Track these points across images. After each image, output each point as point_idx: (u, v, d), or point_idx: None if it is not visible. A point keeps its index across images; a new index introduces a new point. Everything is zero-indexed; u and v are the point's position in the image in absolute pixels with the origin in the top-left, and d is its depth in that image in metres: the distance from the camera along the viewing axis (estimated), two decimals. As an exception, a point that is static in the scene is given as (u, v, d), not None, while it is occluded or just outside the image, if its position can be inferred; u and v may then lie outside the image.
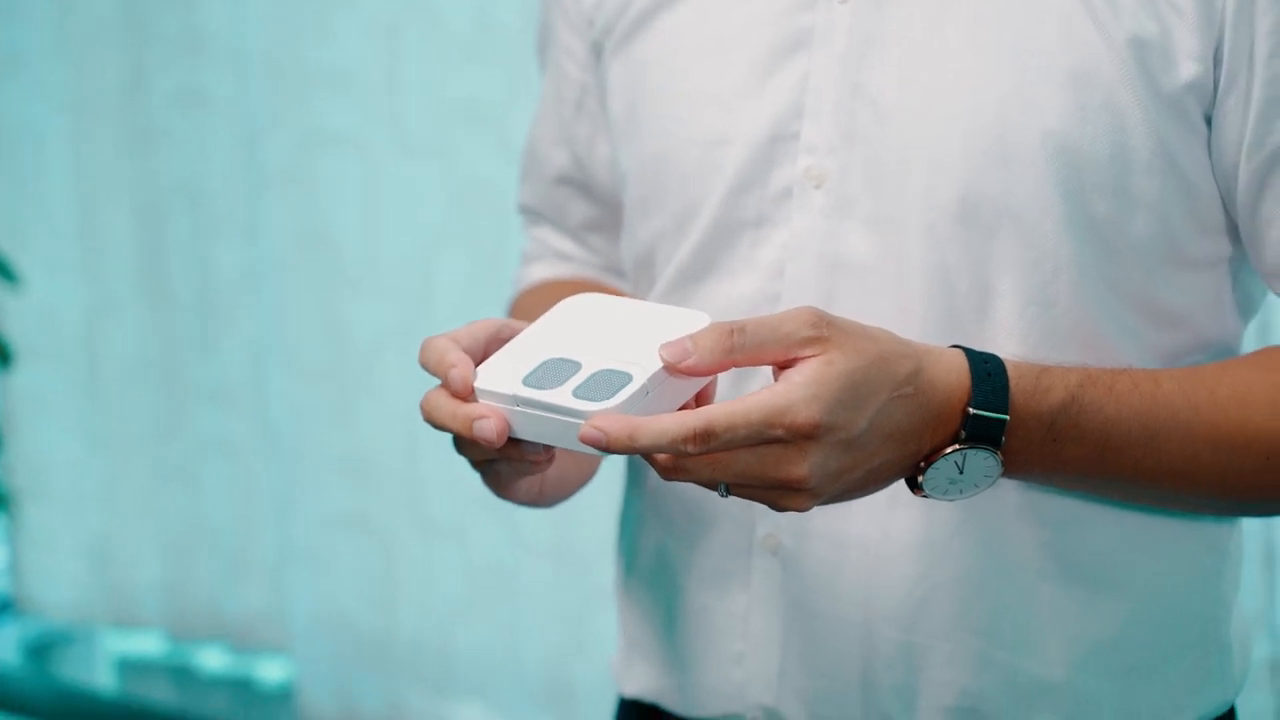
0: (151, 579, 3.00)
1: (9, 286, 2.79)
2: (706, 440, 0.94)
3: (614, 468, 1.38)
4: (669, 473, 0.96)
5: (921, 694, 1.18)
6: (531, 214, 1.43)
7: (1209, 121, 1.12)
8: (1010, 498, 1.16)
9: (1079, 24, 1.10)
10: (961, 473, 1.03)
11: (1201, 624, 1.21)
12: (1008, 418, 1.03)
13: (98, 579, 3.05)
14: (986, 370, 1.03)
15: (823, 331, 0.97)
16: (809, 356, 0.97)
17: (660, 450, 0.95)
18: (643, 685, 1.31)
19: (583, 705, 2.54)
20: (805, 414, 0.95)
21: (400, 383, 2.64)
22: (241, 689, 2.97)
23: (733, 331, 0.97)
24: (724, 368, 0.98)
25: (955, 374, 1.02)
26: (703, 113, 1.20)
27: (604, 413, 0.95)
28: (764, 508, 1.19)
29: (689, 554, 1.26)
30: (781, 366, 0.98)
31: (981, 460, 1.03)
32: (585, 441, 0.95)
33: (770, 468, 0.96)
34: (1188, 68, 1.09)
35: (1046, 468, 1.07)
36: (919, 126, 1.13)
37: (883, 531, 1.17)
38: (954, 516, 1.16)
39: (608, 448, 0.95)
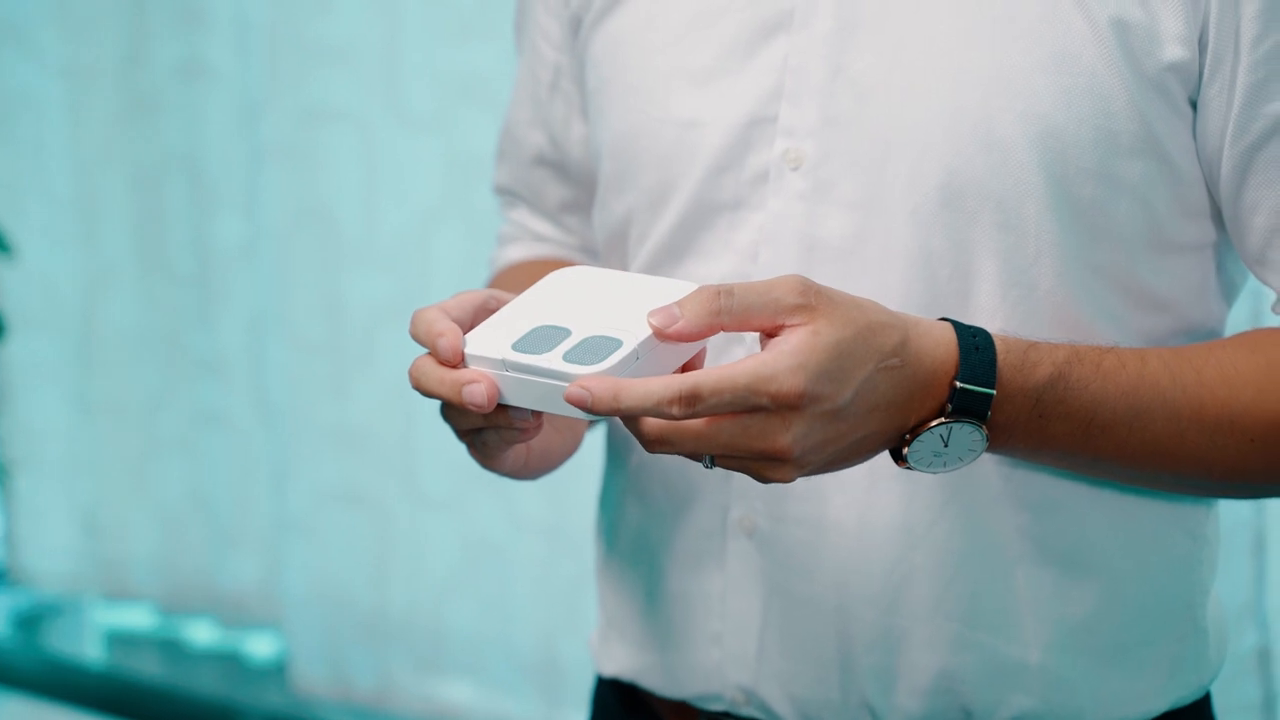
0: (144, 551, 3.00)
1: (4, 257, 2.78)
2: (691, 403, 0.94)
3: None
4: (654, 444, 0.96)
5: (900, 676, 1.18)
6: (508, 195, 1.44)
7: (1194, 106, 1.11)
8: (992, 482, 1.16)
9: (1063, 6, 1.09)
10: (946, 446, 1.03)
11: (1178, 608, 1.21)
12: (994, 392, 1.02)
13: (90, 550, 3.05)
14: (974, 344, 1.02)
15: (810, 300, 0.97)
16: (796, 325, 0.97)
17: (645, 412, 0.94)
18: (621, 665, 1.31)
19: (573, 683, 2.54)
20: (790, 383, 0.95)
21: (396, 357, 2.63)
22: (232, 663, 2.96)
23: (720, 294, 0.97)
24: (711, 332, 0.97)
25: (943, 347, 1.02)
26: (678, 93, 1.19)
27: (593, 376, 0.95)
28: (740, 488, 1.20)
29: (667, 534, 1.26)
30: (768, 334, 0.98)
31: (967, 434, 1.03)
32: (570, 401, 0.94)
33: (755, 438, 0.96)
34: (1173, 50, 1.09)
35: (1031, 443, 1.07)
36: (902, 109, 1.12)
37: (861, 515, 1.17)
38: (934, 500, 1.16)
39: (592, 408, 0.94)
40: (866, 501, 1.16)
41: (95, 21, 2.88)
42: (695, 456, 0.98)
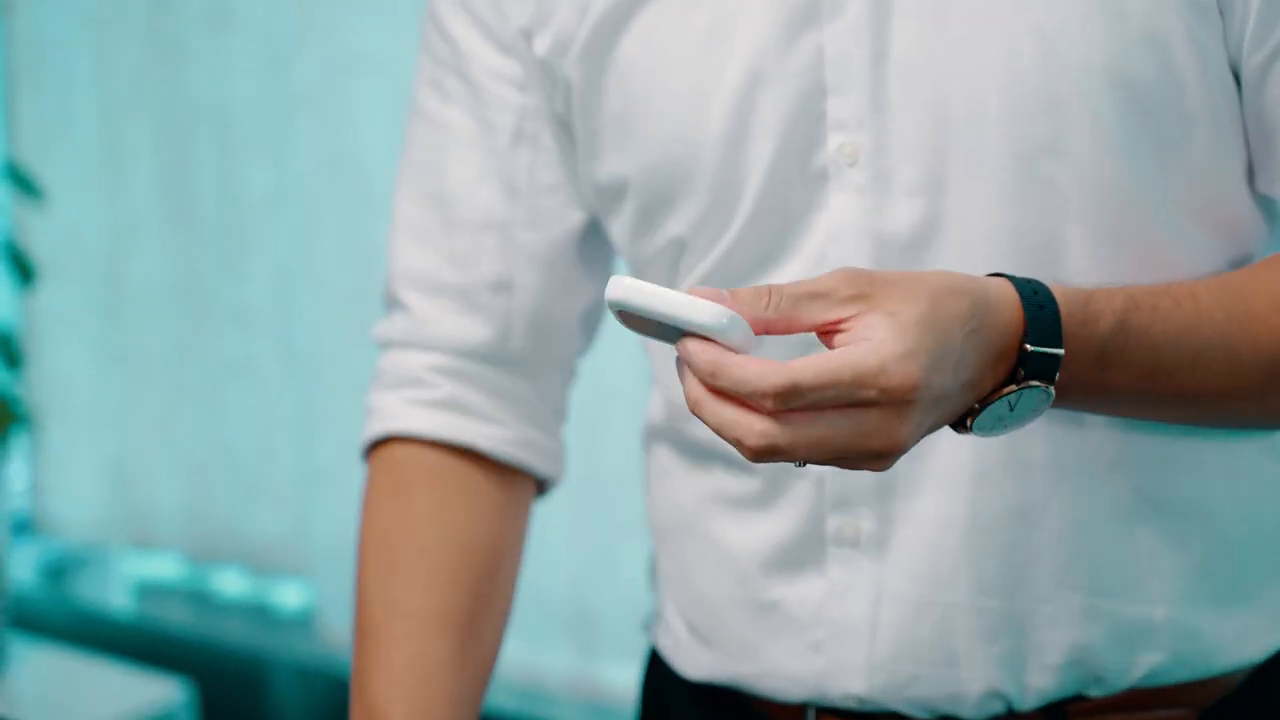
0: (171, 501, 2.99)
1: (34, 202, 2.77)
2: (788, 399, 0.89)
3: (640, 389, 1.36)
4: (761, 455, 0.90)
5: (1029, 657, 1.16)
6: (401, 306, 1.29)
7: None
8: (1106, 450, 1.13)
9: None
10: (1012, 410, 0.98)
11: None
12: (1063, 352, 0.98)
13: (117, 500, 3.05)
14: (1038, 302, 0.98)
15: (863, 288, 0.92)
16: (857, 315, 0.92)
17: (738, 396, 0.90)
18: (708, 671, 1.27)
19: (607, 635, 2.54)
20: (902, 372, 0.90)
21: (425, 308, 2.62)
22: (259, 613, 2.97)
23: (770, 291, 0.92)
24: (760, 332, 0.92)
25: (1009, 308, 0.97)
26: (715, 110, 1.13)
27: (725, 316, 0.90)
28: (836, 495, 1.16)
29: (749, 544, 1.21)
30: (825, 332, 0.93)
31: (1034, 397, 0.98)
32: (681, 354, 0.91)
33: (870, 436, 0.91)
34: None
35: (1091, 394, 1.04)
36: (954, 86, 1.08)
37: (971, 507, 1.14)
38: (1048, 479, 1.13)
39: (692, 370, 0.90)
40: (975, 492, 1.14)
41: (122, -32, 2.86)
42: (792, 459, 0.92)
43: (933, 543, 1.15)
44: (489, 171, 1.24)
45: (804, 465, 0.93)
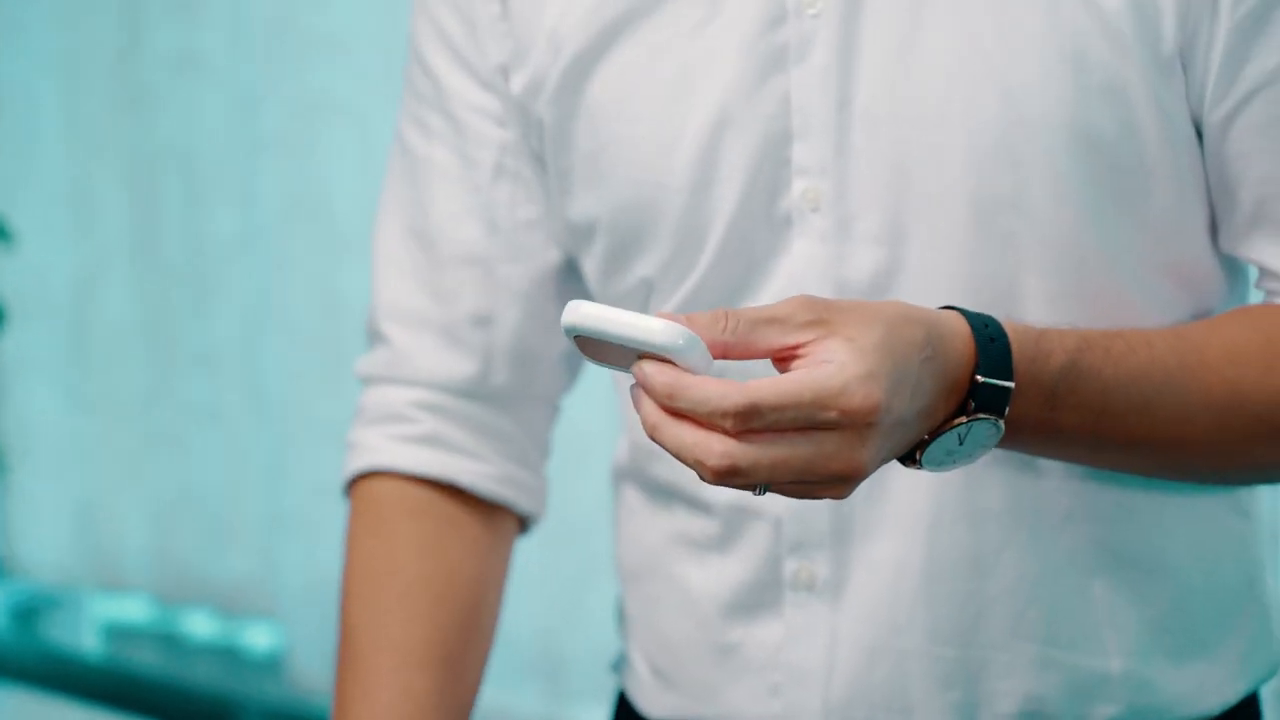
0: (139, 543, 2.99)
1: (3, 245, 2.77)
2: (748, 419, 0.88)
3: (611, 432, 1.36)
4: (720, 477, 0.89)
5: (982, 705, 1.16)
6: (385, 340, 1.26)
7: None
8: (1060, 501, 1.13)
9: (1065, 3, 1.05)
10: (961, 444, 0.97)
11: (1241, 589, 1.19)
12: (1014, 385, 0.97)
13: (85, 542, 3.04)
14: (989, 335, 0.97)
15: (821, 314, 0.92)
16: (814, 340, 0.91)
17: (696, 417, 0.89)
18: (672, 711, 1.26)
19: (576, 677, 2.53)
20: (864, 393, 0.89)
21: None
22: (229, 655, 2.96)
23: (727, 314, 0.91)
24: (717, 355, 0.91)
25: (960, 339, 0.96)
26: (682, 153, 1.12)
27: (682, 336, 0.88)
28: (792, 539, 1.16)
29: (710, 587, 1.21)
30: (780, 358, 0.92)
31: (984, 430, 0.97)
32: (636, 377, 0.90)
33: (831, 458, 0.89)
34: (1171, 29, 1.06)
35: (1042, 434, 1.03)
36: (916, 136, 1.08)
37: (927, 553, 1.14)
38: (1002, 527, 1.13)
39: (646, 390, 0.89)
40: (931, 539, 1.13)
41: (90, 12, 2.86)
42: (750, 487, 0.91)
43: (888, 589, 1.15)
44: (471, 207, 1.23)
45: (763, 493, 0.92)
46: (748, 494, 1.08)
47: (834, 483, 0.92)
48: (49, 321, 3.00)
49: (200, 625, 2.99)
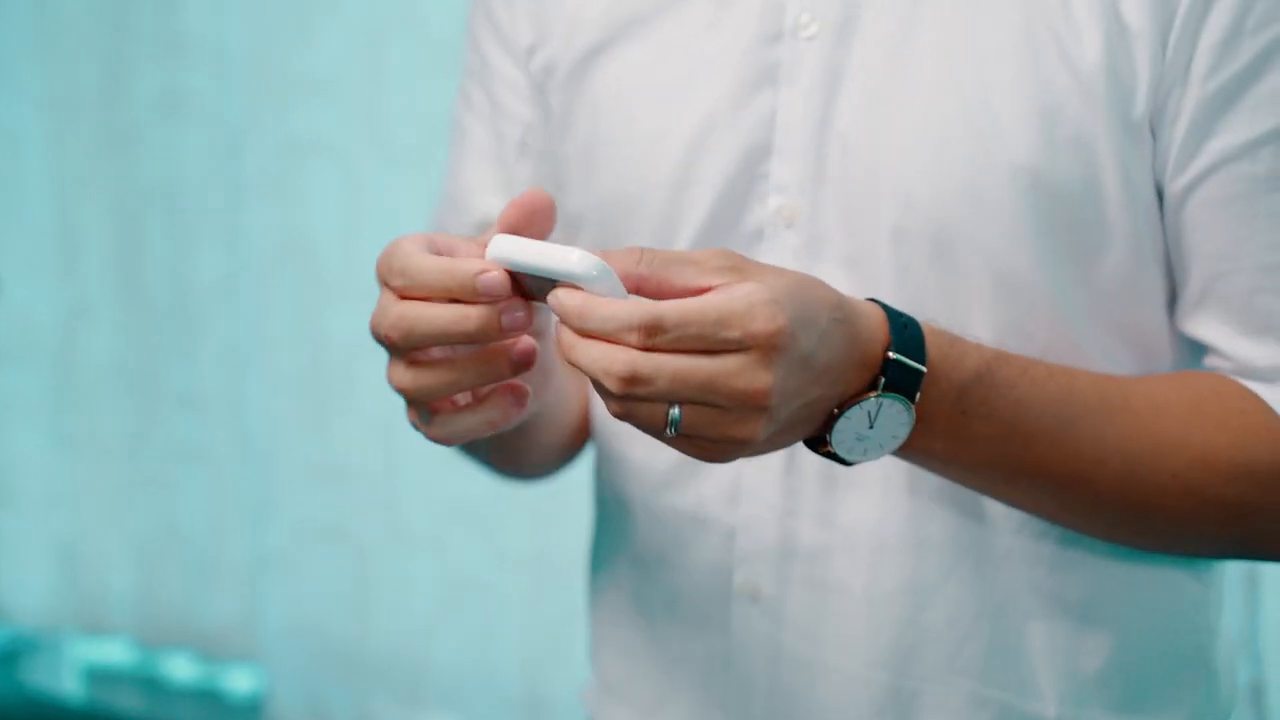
0: (122, 585, 2.98)
1: (-15, 289, 2.77)
2: (653, 333, 0.89)
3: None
4: (624, 383, 0.90)
5: None
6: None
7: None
8: (1003, 538, 1.14)
9: (1045, 57, 1.07)
10: (871, 426, 0.98)
11: (1189, 653, 1.19)
12: (925, 370, 0.98)
13: (68, 585, 3.03)
14: (903, 322, 0.98)
15: (736, 263, 0.92)
16: (724, 284, 0.92)
17: (604, 334, 0.90)
18: None
19: (559, 713, 2.53)
20: (766, 315, 0.90)
21: (377, 391, 2.60)
22: (210, 699, 2.95)
23: (643, 251, 0.92)
24: (631, 289, 0.92)
25: (874, 318, 0.97)
26: (667, 154, 1.16)
27: (595, 266, 0.90)
28: (743, 552, 1.18)
29: (666, 599, 1.23)
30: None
31: (894, 414, 0.98)
32: (550, 304, 0.91)
33: (734, 375, 0.90)
34: (1144, 96, 1.07)
35: (952, 443, 1.03)
36: (887, 165, 1.10)
37: (869, 577, 1.15)
38: (944, 559, 1.14)
39: (563, 319, 0.91)
40: (874, 563, 1.14)
41: (75, 53, 2.87)
42: (659, 424, 0.92)
43: (830, 608, 1.16)
44: (497, 181, 1.28)
45: (674, 432, 0.92)
46: (703, 505, 1.15)
47: (743, 412, 0.91)
48: (33, 362, 3.00)
49: (181, 668, 2.98)
